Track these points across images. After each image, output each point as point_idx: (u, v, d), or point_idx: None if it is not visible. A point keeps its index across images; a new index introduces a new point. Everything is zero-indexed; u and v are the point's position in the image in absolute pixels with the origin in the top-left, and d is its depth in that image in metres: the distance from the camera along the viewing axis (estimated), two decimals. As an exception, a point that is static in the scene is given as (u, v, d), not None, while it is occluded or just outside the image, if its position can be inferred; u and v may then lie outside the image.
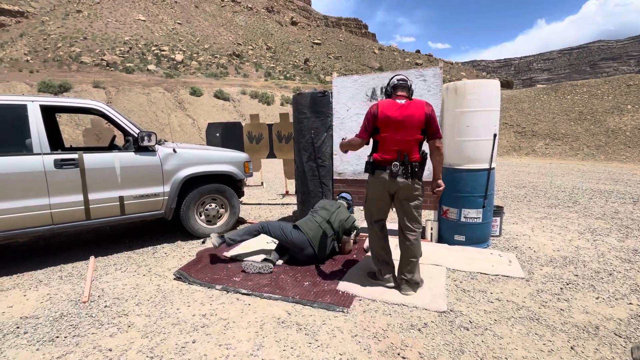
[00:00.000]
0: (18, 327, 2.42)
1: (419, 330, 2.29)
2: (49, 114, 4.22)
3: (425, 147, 2.69)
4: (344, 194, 4.08)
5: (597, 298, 2.72)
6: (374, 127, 2.65)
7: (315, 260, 3.44)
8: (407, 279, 2.76)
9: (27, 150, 3.32)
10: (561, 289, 2.88)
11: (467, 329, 2.29)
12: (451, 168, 3.75)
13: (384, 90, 2.88)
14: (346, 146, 2.81)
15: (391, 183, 2.64)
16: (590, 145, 15.81)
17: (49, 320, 2.50)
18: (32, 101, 3.41)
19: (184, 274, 3.19)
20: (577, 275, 3.14)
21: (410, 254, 2.76)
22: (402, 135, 2.59)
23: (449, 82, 3.83)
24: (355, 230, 3.75)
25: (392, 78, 2.80)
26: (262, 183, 9.01)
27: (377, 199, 2.76)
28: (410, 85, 2.75)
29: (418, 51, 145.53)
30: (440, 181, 2.73)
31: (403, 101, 2.64)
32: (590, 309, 2.55)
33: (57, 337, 2.30)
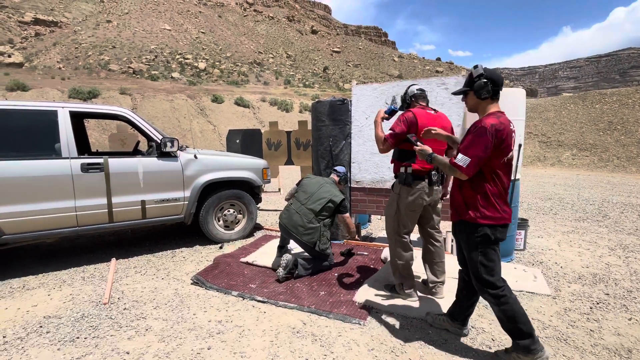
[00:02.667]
0: (41, 326, 2.49)
1: (439, 346, 2.21)
2: (78, 119, 4.38)
3: None
4: (336, 167, 3.73)
5: (630, 319, 2.56)
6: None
7: (313, 251, 3.34)
8: (442, 280, 2.85)
9: (56, 154, 3.45)
10: (591, 308, 2.74)
11: (490, 347, 2.20)
12: (473, 178, 3.65)
13: (402, 98, 2.85)
14: (376, 136, 2.67)
15: (430, 192, 2.67)
16: (620, 156, 15.15)
17: (70, 321, 2.56)
18: (63, 107, 3.55)
19: (201, 279, 3.21)
20: (608, 294, 2.97)
21: (441, 255, 2.86)
22: (438, 145, 2.65)
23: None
24: (346, 210, 3.43)
25: (410, 87, 2.83)
26: (279, 189, 9.04)
27: (415, 210, 2.70)
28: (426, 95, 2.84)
29: (438, 59, 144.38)
30: (448, 189, 2.96)
31: (432, 112, 2.71)
32: (623, 331, 2.40)
33: (78, 337, 2.35)
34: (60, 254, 4.12)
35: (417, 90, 2.77)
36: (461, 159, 1.88)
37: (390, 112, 2.74)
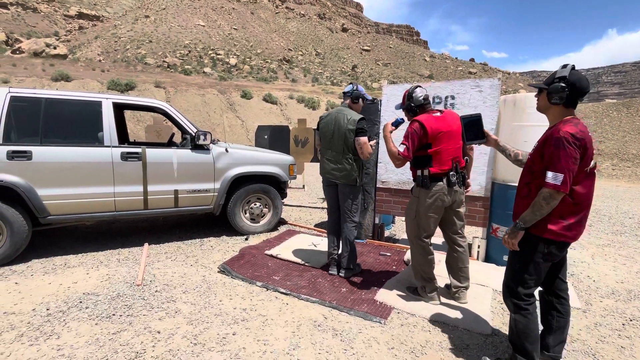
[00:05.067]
0: (81, 302, 2.68)
1: (460, 351, 2.20)
2: (119, 110, 4.63)
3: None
4: (345, 89, 3.29)
5: (668, 340, 2.44)
6: (421, 144, 2.59)
7: (353, 189, 3.15)
8: (465, 286, 2.80)
9: (99, 142, 3.66)
10: (623, 324, 2.62)
11: (513, 356, 2.16)
12: (504, 184, 3.57)
13: (407, 107, 2.72)
14: (390, 152, 2.63)
15: (449, 193, 2.64)
16: (666, 168, 14.20)
17: (107, 299, 2.73)
18: (106, 98, 3.76)
19: (228, 268, 3.33)
20: (643, 312, 2.84)
21: (465, 261, 2.80)
22: (453, 145, 2.62)
23: (507, 94, 3.66)
24: (364, 132, 3.05)
25: (413, 93, 2.67)
26: (303, 186, 9.14)
27: (434, 213, 2.67)
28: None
29: (472, 60, 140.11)
30: (469, 181, 2.87)
31: (438, 113, 2.66)
32: (658, 351, 2.29)
33: (114, 314, 2.51)
34: (97, 237, 4.38)
35: (422, 99, 2.65)
36: (552, 177, 1.71)
37: (397, 124, 2.71)
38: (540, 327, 2.07)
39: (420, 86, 2.75)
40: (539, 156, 1.83)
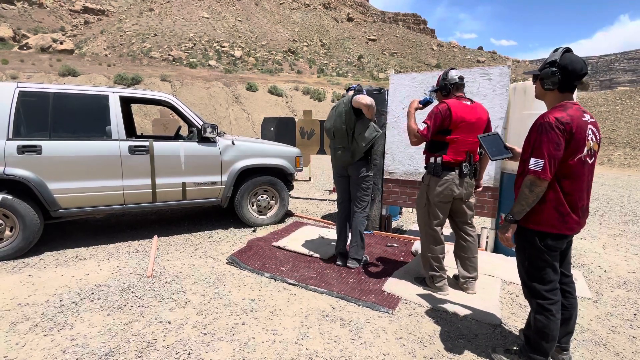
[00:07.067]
0: (93, 293, 2.72)
1: (469, 341, 2.20)
2: (126, 104, 4.64)
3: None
4: (353, 86, 3.35)
5: (681, 330, 2.41)
6: (442, 128, 2.56)
7: (361, 164, 3.16)
8: (473, 276, 2.80)
9: (106, 136, 3.69)
10: (635, 314, 2.59)
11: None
12: (514, 174, 3.51)
13: (440, 85, 2.68)
14: (409, 128, 2.60)
15: (460, 183, 2.62)
16: (680, 157, 13.89)
17: (118, 290, 2.78)
18: (113, 92, 3.78)
19: (236, 260, 3.36)
20: (656, 302, 2.80)
21: (474, 251, 2.79)
22: (473, 137, 2.58)
23: (517, 82, 3.58)
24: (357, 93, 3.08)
25: (449, 72, 2.67)
26: (309, 178, 9.13)
27: (444, 202, 2.67)
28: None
29: (480, 48, 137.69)
30: (481, 182, 2.88)
31: (468, 102, 2.62)
32: (671, 341, 2.26)
33: (125, 305, 2.55)
34: (107, 230, 4.44)
35: (458, 78, 2.64)
36: (534, 163, 1.68)
37: (425, 103, 2.66)
38: None
39: (454, 68, 2.76)
40: (528, 144, 1.79)
